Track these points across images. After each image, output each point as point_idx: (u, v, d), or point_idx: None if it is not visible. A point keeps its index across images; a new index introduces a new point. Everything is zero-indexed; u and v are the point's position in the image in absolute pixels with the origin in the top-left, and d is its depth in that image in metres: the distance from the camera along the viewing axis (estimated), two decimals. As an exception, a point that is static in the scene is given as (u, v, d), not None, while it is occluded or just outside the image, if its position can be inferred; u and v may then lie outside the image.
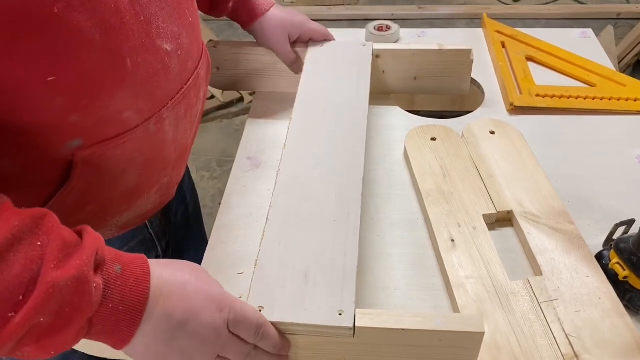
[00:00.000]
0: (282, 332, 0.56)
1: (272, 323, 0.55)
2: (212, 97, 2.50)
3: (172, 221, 0.87)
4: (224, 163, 2.30)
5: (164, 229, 0.82)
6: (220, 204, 0.82)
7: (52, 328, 0.44)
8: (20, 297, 0.42)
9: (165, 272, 0.51)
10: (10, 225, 0.43)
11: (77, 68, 0.50)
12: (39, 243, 0.44)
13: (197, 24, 0.69)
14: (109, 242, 0.71)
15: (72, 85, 0.51)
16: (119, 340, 0.49)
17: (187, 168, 0.95)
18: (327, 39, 0.97)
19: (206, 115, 2.50)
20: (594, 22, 2.82)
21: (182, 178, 0.80)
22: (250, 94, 2.55)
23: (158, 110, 0.61)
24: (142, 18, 0.55)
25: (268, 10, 0.91)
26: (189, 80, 0.67)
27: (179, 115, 0.66)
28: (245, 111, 2.50)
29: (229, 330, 0.52)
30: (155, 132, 0.62)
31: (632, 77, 1.01)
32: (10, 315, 0.41)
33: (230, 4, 0.88)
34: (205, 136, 2.43)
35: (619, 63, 1.99)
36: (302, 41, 0.96)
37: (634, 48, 1.98)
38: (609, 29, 2.09)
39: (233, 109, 2.54)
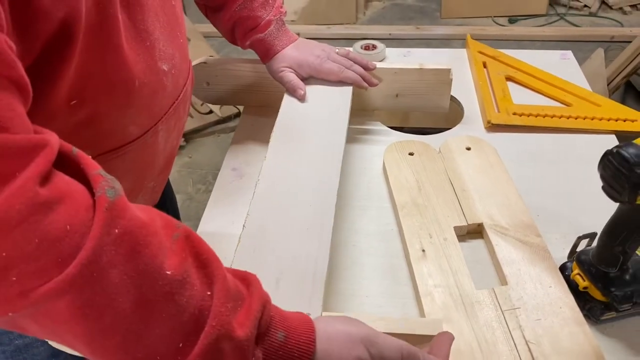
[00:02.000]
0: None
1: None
2: (210, 112, 2.54)
3: None
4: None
5: None
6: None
7: None
8: (180, 345, 0.42)
9: (325, 346, 0.49)
10: (186, 262, 0.43)
11: (95, 91, 0.55)
12: (209, 293, 0.44)
13: (186, 44, 0.74)
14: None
15: (90, 107, 0.56)
16: None
17: (170, 184, 1.00)
18: (341, 81, 0.93)
19: (204, 129, 2.55)
20: (588, 44, 2.87)
21: (164, 192, 0.84)
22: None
23: (154, 124, 0.67)
24: (148, 43, 0.61)
25: (282, 50, 0.92)
26: (179, 95, 0.72)
27: (169, 127, 0.71)
28: (242, 126, 2.54)
29: None
30: (151, 143, 0.68)
31: (622, 97, 1.05)
32: None
33: (248, 43, 0.91)
34: (202, 150, 2.47)
35: (608, 84, 2.03)
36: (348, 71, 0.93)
37: (622, 70, 2.02)
38: (599, 52, 2.13)
39: (230, 124, 2.58)
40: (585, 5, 3.31)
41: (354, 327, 0.51)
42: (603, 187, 0.60)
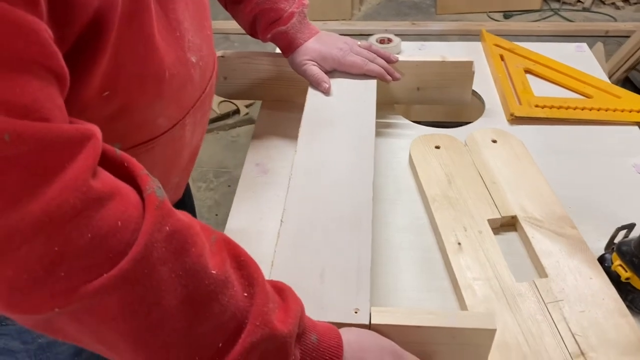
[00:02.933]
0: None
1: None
2: (209, 109, 2.52)
3: None
4: (221, 174, 2.31)
5: None
6: (217, 214, 0.84)
7: None
8: (220, 345, 0.42)
9: (348, 339, 0.51)
10: (226, 262, 0.44)
11: (127, 82, 0.54)
12: (246, 294, 0.44)
13: (212, 36, 0.73)
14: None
15: (121, 98, 0.54)
16: None
17: (189, 185, 0.98)
18: (364, 74, 0.92)
19: (202, 127, 2.52)
20: (583, 39, 2.88)
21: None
22: (247, 106, 2.57)
23: (183, 117, 0.65)
24: (178, 34, 0.59)
25: (305, 43, 0.90)
26: (206, 88, 0.71)
27: (196, 120, 0.69)
28: (242, 123, 2.52)
29: None
30: (178, 137, 0.66)
31: (624, 91, 1.05)
32: None
33: (269, 36, 0.89)
34: (201, 148, 2.44)
35: (609, 79, 2.04)
36: (371, 63, 0.92)
37: (623, 64, 2.03)
38: (599, 46, 2.14)
39: (229, 121, 2.56)
40: (579, 1, 3.33)
41: (383, 340, 0.53)
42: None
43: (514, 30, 3.04)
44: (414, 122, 1.01)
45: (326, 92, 0.89)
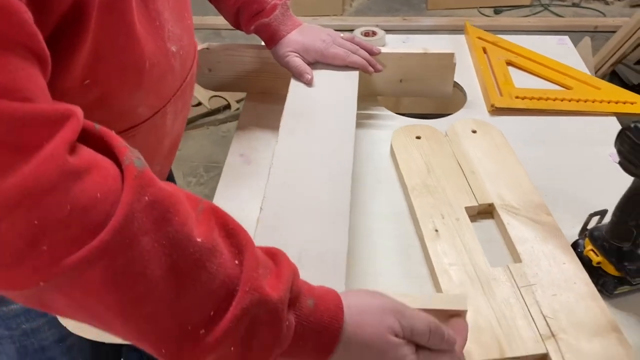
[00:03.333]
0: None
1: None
2: (199, 104, 2.52)
3: None
4: (211, 169, 2.32)
5: None
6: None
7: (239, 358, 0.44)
8: (211, 313, 0.42)
9: (353, 317, 0.49)
10: (212, 230, 0.43)
11: (108, 71, 0.55)
12: (236, 262, 0.44)
13: (192, 26, 0.74)
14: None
15: (102, 87, 0.55)
16: None
17: (172, 172, 0.99)
18: (347, 65, 0.93)
19: (193, 122, 2.53)
20: (572, 34, 2.89)
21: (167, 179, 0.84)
22: (237, 102, 2.58)
23: (163, 106, 0.66)
24: (158, 23, 0.61)
25: (287, 35, 0.92)
26: (186, 77, 0.72)
27: (177, 109, 0.71)
28: (232, 118, 2.53)
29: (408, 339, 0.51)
30: (159, 125, 0.67)
31: (608, 83, 1.06)
32: (201, 332, 0.41)
33: (252, 27, 0.91)
34: (192, 143, 2.45)
35: (595, 73, 2.06)
36: (352, 54, 0.94)
37: (609, 58, 2.05)
38: (586, 40, 2.16)
39: (219, 116, 2.57)
40: (569, -4, 3.35)
41: (384, 299, 0.51)
42: (620, 162, 0.61)
43: (504, 26, 3.06)
44: (399, 114, 1.02)
45: (308, 83, 0.90)
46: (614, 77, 2.43)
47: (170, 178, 0.99)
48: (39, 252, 0.37)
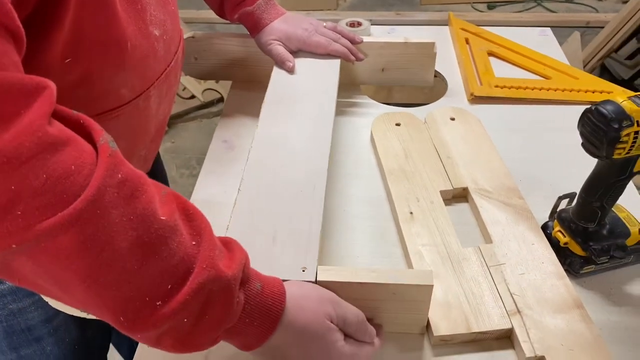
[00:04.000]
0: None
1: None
2: (193, 97, 2.54)
3: None
4: (203, 161, 2.34)
5: None
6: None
7: (191, 329, 0.47)
8: (169, 287, 0.45)
9: (294, 302, 0.54)
10: (173, 210, 0.47)
11: (89, 50, 0.56)
12: (194, 243, 0.47)
13: (177, 12, 0.76)
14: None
15: (83, 66, 0.57)
16: (245, 346, 0.53)
17: (161, 159, 1.01)
18: (329, 54, 0.95)
19: (186, 114, 2.55)
20: (565, 29, 2.93)
21: (154, 165, 0.86)
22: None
23: (146, 88, 0.68)
24: (140, 6, 0.62)
25: (270, 23, 0.94)
26: (171, 62, 0.74)
27: (161, 93, 0.73)
28: (225, 111, 2.54)
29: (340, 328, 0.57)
30: (143, 108, 0.69)
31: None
32: (157, 304, 0.44)
33: (236, 16, 0.93)
34: (185, 135, 2.47)
35: (584, 67, 2.09)
36: (334, 43, 0.96)
37: (597, 52, 2.07)
38: (575, 35, 2.18)
39: (213, 109, 2.59)
40: (562, -8, 3.37)
41: (323, 290, 0.58)
42: (582, 144, 0.63)
43: (497, 21, 3.08)
44: (385, 104, 1.04)
45: (290, 70, 0.92)
46: (604, 71, 2.45)
47: (158, 165, 1.01)
48: (14, 217, 0.39)
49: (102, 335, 0.96)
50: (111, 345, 1.02)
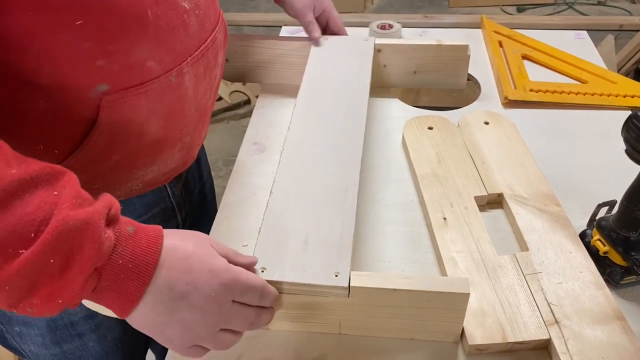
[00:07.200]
0: (283, 292, 0.60)
1: (273, 282, 0.59)
2: (220, 98, 2.56)
3: (191, 196, 0.91)
4: (230, 163, 2.35)
5: (184, 199, 0.86)
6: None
7: (61, 272, 0.46)
8: (32, 235, 0.44)
9: (172, 241, 0.53)
10: (31, 169, 0.46)
11: (103, 14, 0.55)
12: (56, 193, 0.46)
13: None
14: (132, 204, 0.75)
15: (99, 31, 0.55)
16: (124, 301, 0.50)
17: (205, 152, 1.01)
18: (340, 33, 1.04)
19: (213, 116, 2.56)
20: (597, 33, 2.87)
21: (199, 157, 0.85)
22: (257, 97, 2.60)
23: (178, 64, 0.65)
24: None
25: None
26: (206, 40, 0.70)
27: (198, 73, 0.70)
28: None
29: (234, 301, 0.55)
30: (176, 85, 0.66)
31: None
32: (20, 251, 0.44)
33: None
34: (211, 137, 2.48)
35: (618, 71, 2.04)
36: (322, 21, 1.03)
37: (633, 56, 2.02)
38: (609, 39, 2.14)
39: (240, 111, 2.60)
40: (594, -6, 3.31)
41: (204, 236, 0.57)
42: (626, 150, 0.61)
43: (527, 24, 3.04)
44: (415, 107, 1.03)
45: (316, 41, 0.99)
46: (638, 75, 2.40)
47: (203, 156, 0.99)
48: None
49: (144, 335, 0.96)
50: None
